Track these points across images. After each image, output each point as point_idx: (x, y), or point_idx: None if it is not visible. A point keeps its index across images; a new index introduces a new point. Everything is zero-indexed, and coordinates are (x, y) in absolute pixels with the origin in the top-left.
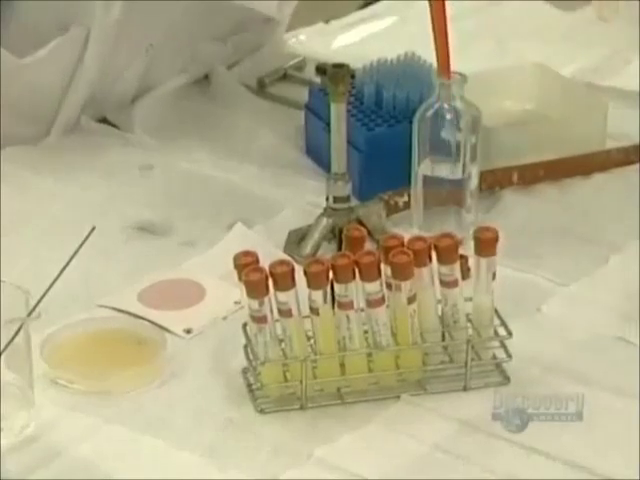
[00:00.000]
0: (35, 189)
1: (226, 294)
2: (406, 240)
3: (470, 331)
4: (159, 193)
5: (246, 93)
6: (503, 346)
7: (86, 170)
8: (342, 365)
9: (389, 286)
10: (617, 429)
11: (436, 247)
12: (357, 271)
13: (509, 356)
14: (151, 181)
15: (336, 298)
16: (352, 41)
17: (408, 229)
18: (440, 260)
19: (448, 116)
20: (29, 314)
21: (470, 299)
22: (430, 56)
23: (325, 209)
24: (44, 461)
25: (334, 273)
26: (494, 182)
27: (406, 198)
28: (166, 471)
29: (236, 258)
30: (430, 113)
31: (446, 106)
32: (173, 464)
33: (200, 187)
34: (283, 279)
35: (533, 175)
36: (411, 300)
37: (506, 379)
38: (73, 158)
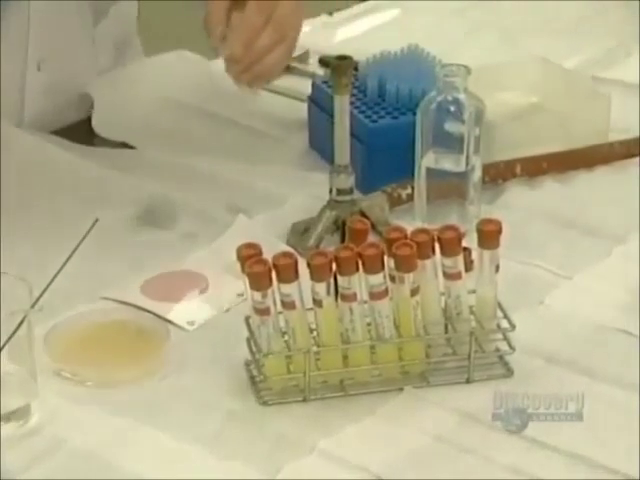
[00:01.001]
0: (37, 181)
1: (229, 286)
2: (409, 232)
3: (473, 323)
4: (162, 185)
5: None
6: (506, 338)
7: (88, 162)
8: (345, 357)
9: (392, 278)
10: (619, 421)
11: (439, 239)
12: (360, 263)
13: (512, 348)
14: (154, 173)
15: (339, 290)
16: (355, 33)
17: (411, 221)
18: (443, 252)
19: (451, 108)
20: (32, 306)
21: (473, 291)
22: (433, 48)
23: (328, 201)
24: (47, 452)
25: (337, 265)
26: (497, 174)
27: (409, 190)
28: (169, 462)
29: (239, 250)
30: (433, 105)
31: (449, 98)
32: (176, 455)
33: (203, 179)
34: (286, 271)
35: (536, 168)
36: (414, 292)
37: (509, 371)
38: (75, 150)
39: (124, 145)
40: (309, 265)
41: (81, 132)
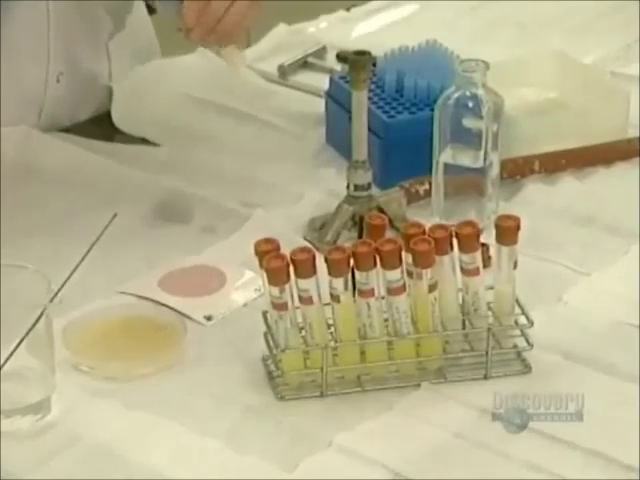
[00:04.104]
0: (55, 177)
1: (247, 281)
2: (427, 228)
3: (491, 319)
4: (179, 180)
5: (266, 81)
6: (524, 335)
7: (106, 158)
8: (362, 353)
9: (410, 274)
10: (637, 417)
11: (457, 235)
12: (378, 259)
13: (530, 345)
14: (171, 168)
15: (357, 286)
16: (373, 28)
17: (429, 217)
18: (461, 248)
19: (470, 104)
20: (51, 300)
21: (491, 287)
22: (451, 43)
23: (346, 197)
24: (65, 446)
25: (355, 261)
26: (515, 170)
27: (427, 186)
28: (186, 457)
29: (257, 245)
30: (451, 101)
31: (468, 94)
32: (193, 450)
33: (220, 174)
34: (304, 266)
35: (554, 164)
36: (432, 288)
37: (527, 368)
38: (92, 146)
39: (143, 140)
40: (327, 260)
41: (101, 127)
